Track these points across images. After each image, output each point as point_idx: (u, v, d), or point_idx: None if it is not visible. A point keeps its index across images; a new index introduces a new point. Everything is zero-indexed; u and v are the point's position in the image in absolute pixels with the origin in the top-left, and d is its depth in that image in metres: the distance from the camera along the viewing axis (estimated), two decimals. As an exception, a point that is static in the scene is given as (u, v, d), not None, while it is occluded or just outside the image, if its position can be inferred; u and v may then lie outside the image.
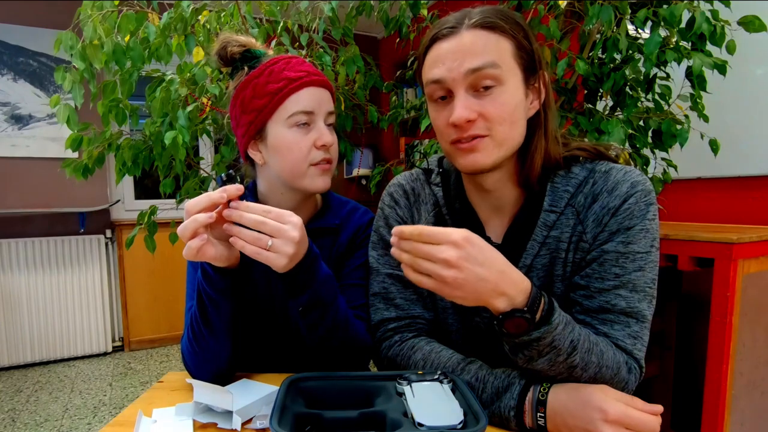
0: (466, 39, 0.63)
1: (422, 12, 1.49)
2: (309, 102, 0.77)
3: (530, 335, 0.55)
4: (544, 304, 0.56)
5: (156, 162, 1.47)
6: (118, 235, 3.08)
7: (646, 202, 0.64)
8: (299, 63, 0.80)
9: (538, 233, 0.68)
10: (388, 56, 3.61)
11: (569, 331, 0.57)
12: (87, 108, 1.57)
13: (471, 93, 0.63)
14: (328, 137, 0.78)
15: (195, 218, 0.60)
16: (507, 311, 0.55)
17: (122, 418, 0.64)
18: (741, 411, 1.24)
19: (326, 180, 0.80)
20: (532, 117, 0.68)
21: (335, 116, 0.82)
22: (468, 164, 0.66)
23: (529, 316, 0.54)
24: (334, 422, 0.55)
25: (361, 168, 3.62)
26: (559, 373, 0.59)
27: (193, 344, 0.72)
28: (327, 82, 0.81)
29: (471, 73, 0.62)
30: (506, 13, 0.65)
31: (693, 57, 1.14)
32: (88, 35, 1.26)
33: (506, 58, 0.63)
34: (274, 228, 0.61)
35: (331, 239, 0.86)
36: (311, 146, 0.77)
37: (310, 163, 0.78)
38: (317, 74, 0.79)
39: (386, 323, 0.76)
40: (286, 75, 0.77)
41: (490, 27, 0.62)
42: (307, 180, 0.79)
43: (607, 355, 0.60)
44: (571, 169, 0.69)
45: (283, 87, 0.76)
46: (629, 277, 0.63)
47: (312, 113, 0.77)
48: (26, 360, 2.83)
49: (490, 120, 0.63)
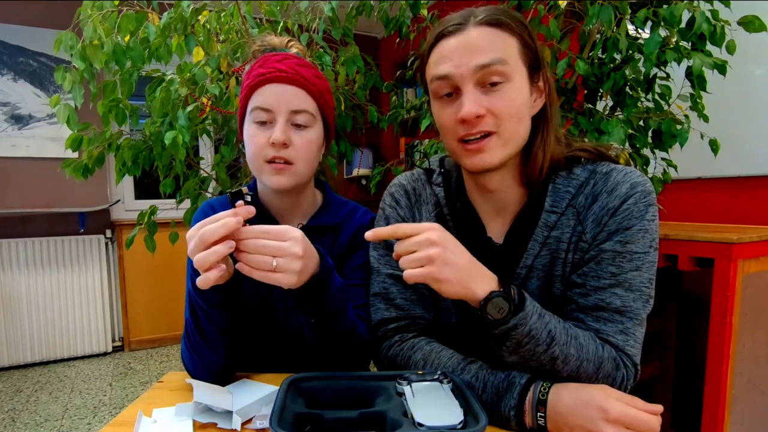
0: (473, 35, 0.63)
1: (422, 12, 1.49)
2: (267, 99, 0.76)
3: (508, 323, 0.57)
4: (515, 291, 0.59)
5: (156, 162, 1.47)
6: (118, 235, 3.08)
7: (645, 202, 0.64)
8: (277, 59, 0.78)
9: (539, 233, 0.68)
10: (388, 56, 3.61)
11: (545, 321, 0.59)
12: (87, 108, 1.57)
13: (479, 89, 0.63)
14: (277, 135, 0.74)
15: (216, 251, 0.57)
16: (487, 295, 0.58)
17: (122, 418, 0.64)
18: (741, 411, 1.24)
19: (281, 179, 0.77)
20: (535, 115, 0.68)
21: (311, 116, 0.78)
22: (476, 164, 0.66)
23: (507, 296, 0.58)
24: (334, 422, 0.55)
25: (361, 168, 3.62)
26: (542, 365, 0.60)
27: (190, 350, 0.73)
28: (300, 79, 0.77)
29: (480, 69, 0.62)
30: (510, 13, 0.65)
31: (693, 57, 1.14)
32: (88, 35, 1.26)
33: (513, 55, 0.63)
34: (276, 248, 0.59)
35: (332, 238, 0.86)
36: (266, 142, 0.76)
37: (265, 160, 0.77)
38: (289, 70, 0.77)
39: (386, 323, 0.76)
40: (257, 72, 0.78)
41: (497, 24, 0.63)
42: (264, 176, 0.78)
43: (588, 348, 0.61)
44: (572, 170, 0.69)
45: (250, 83, 0.77)
46: (625, 276, 0.63)
47: (269, 111, 0.76)
48: (26, 360, 2.83)
49: (498, 116, 0.63)
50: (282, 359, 0.87)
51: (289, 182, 0.78)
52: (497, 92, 0.63)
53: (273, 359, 0.87)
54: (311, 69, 0.80)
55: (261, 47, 0.84)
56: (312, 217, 0.86)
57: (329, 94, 0.84)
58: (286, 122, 0.76)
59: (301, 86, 0.77)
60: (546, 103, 0.69)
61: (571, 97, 1.31)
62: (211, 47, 1.45)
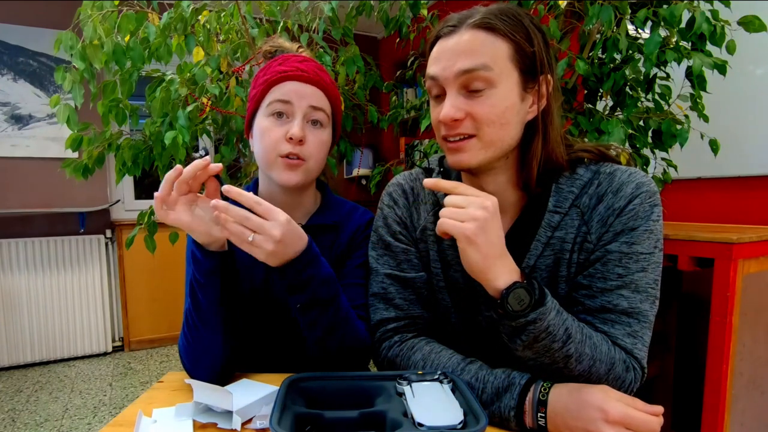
0: (464, 39, 0.63)
1: (422, 12, 1.49)
2: (287, 93, 0.78)
3: (527, 316, 0.57)
4: (537, 285, 0.59)
5: (156, 162, 1.47)
6: (118, 235, 3.08)
7: (650, 203, 0.64)
8: (298, 60, 0.81)
9: (542, 234, 0.68)
10: (388, 56, 3.61)
11: (563, 318, 0.59)
12: (87, 108, 1.57)
13: (462, 93, 0.64)
14: (296, 130, 0.76)
15: (165, 177, 0.64)
16: (509, 285, 0.58)
17: (122, 418, 0.64)
18: (741, 411, 1.24)
19: (292, 176, 0.78)
20: (533, 120, 0.67)
21: (326, 116, 0.81)
22: (454, 162, 0.68)
23: (530, 288, 0.58)
24: (334, 422, 0.55)
25: (361, 168, 3.62)
26: (555, 362, 0.60)
27: (188, 337, 0.73)
28: (320, 81, 0.80)
29: (462, 74, 0.63)
30: (511, 14, 0.64)
31: (693, 57, 1.14)
32: (88, 35, 1.26)
33: (501, 60, 0.63)
34: (257, 224, 0.62)
35: (331, 238, 0.86)
36: (282, 137, 0.77)
37: (279, 155, 0.78)
38: (310, 71, 0.80)
39: (386, 323, 0.76)
40: (276, 69, 0.80)
41: (488, 28, 0.62)
42: (275, 171, 0.79)
43: (601, 349, 0.61)
44: (575, 171, 0.69)
45: (270, 78, 0.79)
46: (632, 277, 0.63)
47: (289, 103, 0.78)
48: (26, 360, 2.83)
49: (478, 120, 0.64)
50: (282, 359, 0.87)
51: (300, 179, 0.79)
52: (480, 97, 0.63)
53: (273, 359, 0.87)
54: (328, 75, 0.84)
55: (272, 48, 0.87)
56: (312, 216, 0.87)
57: (339, 101, 0.86)
58: (303, 119, 0.78)
59: (321, 88, 0.81)
60: (546, 108, 0.67)
61: (571, 97, 1.31)
62: (211, 47, 1.45)
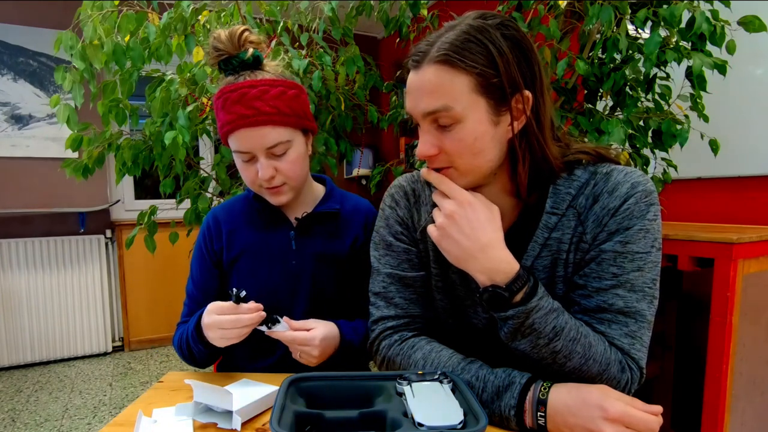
0: (426, 76, 0.62)
1: (422, 12, 1.49)
2: (243, 144, 0.80)
3: (506, 312, 0.60)
4: (528, 288, 0.60)
5: (156, 162, 1.47)
6: (118, 235, 3.08)
7: (646, 202, 0.64)
8: (236, 100, 0.77)
9: (539, 235, 0.68)
10: (388, 56, 3.61)
11: (553, 318, 0.60)
12: (87, 108, 1.57)
13: (434, 126, 0.64)
14: (264, 172, 0.80)
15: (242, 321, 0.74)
16: (486, 286, 0.61)
17: (122, 418, 0.64)
18: (741, 411, 1.24)
19: (280, 198, 0.85)
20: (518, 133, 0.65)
21: (287, 142, 0.80)
22: None
23: (507, 295, 0.60)
24: (334, 422, 0.55)
25: (361, 168, 3.62)
26: (543, 357, 0.61)
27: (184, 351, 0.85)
28: (264, 118, 0.77)
29: (427, 114, 0.63)
30: (476, 38, 0.60)
31: (693, 57, 1.14)
32: (88, 35, 1.26)
33: (463, 95, 0.61)
34: (300, 351, 0.77)
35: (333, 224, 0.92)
36: (256, 176, 0.82)
37: (260, 186, 0.84)
38: (250, 114, 0.76)
39: (386, 321, 0.77)
40: (223, 118, 0.80)
41: (447, 62, 0.60)
42: (265, 196, 0.87)
43: (596, 349, 0.61)
44: (573, 172, 0.69)
45: (222, 127, 0.81)
46: (627, 276, 0.63)
47: (248, 153, 0.80)
48: (26, 360, 2.83)
49: (450, 154, 0.64)
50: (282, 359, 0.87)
51: (288, 197, 0.86)
52: (449, 132, 0.63)
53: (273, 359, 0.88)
54: (271, 87, 0.78)
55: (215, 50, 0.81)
56: (316, 206, 0.92)
57: (298, 97, 0.82)
58: (267, 158, 0.80)
59: (269, 123, 0.78)
60: (529, 122, 0.64)
61: (571, 97, 1.31)
62: (210, 47, 1.44)
